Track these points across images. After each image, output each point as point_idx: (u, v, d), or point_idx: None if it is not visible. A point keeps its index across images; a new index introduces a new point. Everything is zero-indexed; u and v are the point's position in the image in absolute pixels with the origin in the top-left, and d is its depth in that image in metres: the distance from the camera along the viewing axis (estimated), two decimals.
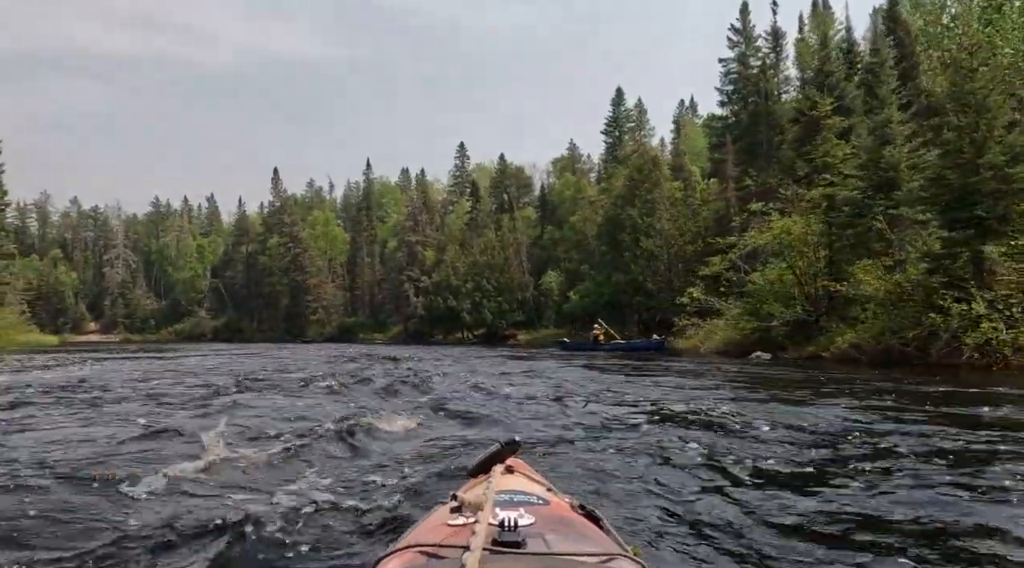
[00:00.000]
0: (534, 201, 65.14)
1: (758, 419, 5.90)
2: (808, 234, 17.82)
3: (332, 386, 9.02)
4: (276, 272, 71.82)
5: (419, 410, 6.85)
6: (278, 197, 73.61)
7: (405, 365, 14.95)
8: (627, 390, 9.03)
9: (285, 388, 8.98)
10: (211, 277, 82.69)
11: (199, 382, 10.03)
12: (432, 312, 54.48)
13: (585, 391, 8.82)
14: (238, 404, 6.91)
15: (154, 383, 9.98)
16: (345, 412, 6.26)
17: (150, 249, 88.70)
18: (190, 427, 5.05)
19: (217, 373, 12.38)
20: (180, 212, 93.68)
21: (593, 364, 15.23)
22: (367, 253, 70.15)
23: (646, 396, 8.20)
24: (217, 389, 8.68)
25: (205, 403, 7.11)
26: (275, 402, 7.29)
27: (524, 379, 11.13)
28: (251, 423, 5.49)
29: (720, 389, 9.32)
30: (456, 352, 23.81)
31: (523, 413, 6.67)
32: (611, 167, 47.49)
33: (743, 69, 34.93)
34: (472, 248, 53.99)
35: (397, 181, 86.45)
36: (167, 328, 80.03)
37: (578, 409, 6.92)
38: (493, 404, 7.38)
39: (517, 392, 8.72)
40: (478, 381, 10.20)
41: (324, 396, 8.15)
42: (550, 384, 9.98)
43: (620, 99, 52.55)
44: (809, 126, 20.69)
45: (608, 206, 35.36)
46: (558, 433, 5.30)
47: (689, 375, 11.97)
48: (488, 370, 13.39)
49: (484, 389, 9.08)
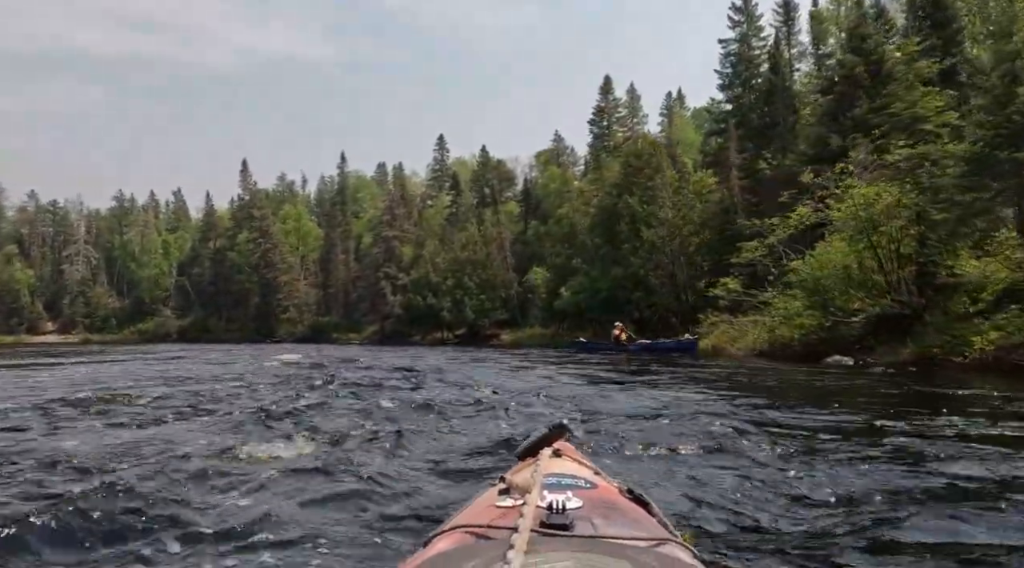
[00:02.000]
0: (517, 195, 62.50)
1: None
2: (900, 205, 13.82)
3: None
4: (245, 269, 68.34)
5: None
6: (247, 190, 70.01)
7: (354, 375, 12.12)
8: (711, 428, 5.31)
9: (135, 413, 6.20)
10: (177, 274, 78.80)
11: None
12: (410, 311, 51.51)
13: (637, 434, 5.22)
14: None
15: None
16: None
17: (113, 245, 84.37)
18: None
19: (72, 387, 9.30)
20: (145, 207, 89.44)
21: (620, 373, 12.49)
22: (342, 249, 66.84)
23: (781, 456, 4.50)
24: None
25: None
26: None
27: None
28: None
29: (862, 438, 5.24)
30: (436, 357, 20.96)
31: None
32: (602, 156, 44.99)
33: (745, 49, 32.61)
34: (453, 243, 51.18)
35: (373, 175, 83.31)
36: (130, 328, 75.94)
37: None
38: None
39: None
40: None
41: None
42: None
43: (608, 87, 50.13)
44: (846, 93, 18.27)
45: (602, 196, 32.73)
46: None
47: (769, 392, 8.88)
48: (496, 380, 10.56)
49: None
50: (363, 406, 6.76)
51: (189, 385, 9.25)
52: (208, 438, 4.74)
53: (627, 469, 3.68)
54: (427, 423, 5.60)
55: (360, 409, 6.53)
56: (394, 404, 6.81)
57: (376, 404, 6.79)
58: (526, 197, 57.59)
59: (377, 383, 9.36)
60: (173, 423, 5.64)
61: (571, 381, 10.10)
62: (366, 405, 6.80)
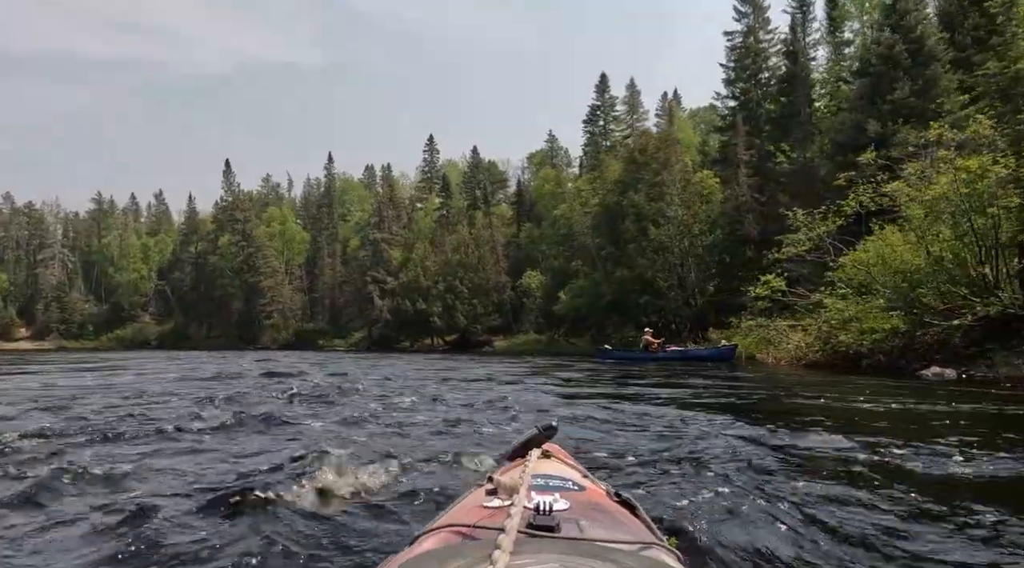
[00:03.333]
0: (509, 198, 60.77)
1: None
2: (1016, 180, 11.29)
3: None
4: (228, 273, 66.01)
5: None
6: (230, 191, 67.67)
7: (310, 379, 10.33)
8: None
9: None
10: (157, 279, 76.22)
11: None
12: (399, 316, 49.46)
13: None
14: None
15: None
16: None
17: (91, 249, 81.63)
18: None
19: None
20: (126, 210, 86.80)
21: (654, 389, 10.65)
22: (328, 253, 64.66)
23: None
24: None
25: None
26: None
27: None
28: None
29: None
30: (426, 367, 19.09)
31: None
32: (602, 153, 43.30)
33: (752, 42, 31.08)
34: (444, 246, 49.28)
35: (361, 178, 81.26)
36: (107, 334, 73.33)
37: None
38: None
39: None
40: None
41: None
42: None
43: (605, 86, 48.56)
44: (884, 75, 16.58)
45: (604, 193, 30.91)
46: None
47: (868, 421, 6.67)
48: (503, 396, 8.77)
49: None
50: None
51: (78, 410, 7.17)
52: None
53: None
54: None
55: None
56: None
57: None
58: (519, 199, 55.82)
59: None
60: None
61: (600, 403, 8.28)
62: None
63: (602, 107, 48.54)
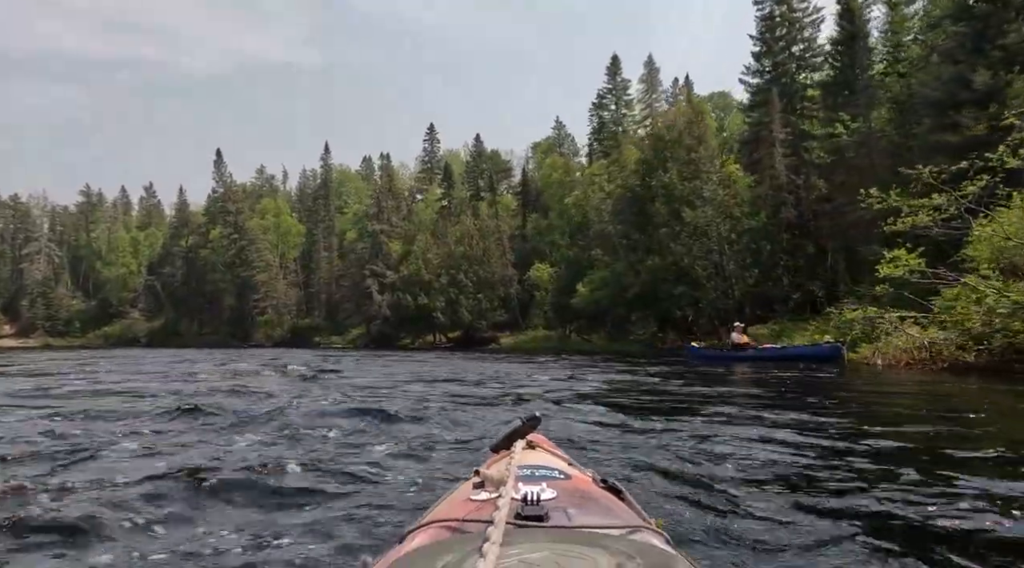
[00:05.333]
0: (514, 188, 58.14)
1: None
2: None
3: None
4: (219, 268, 63.31)
5: None
6: (221, 182, 64.84)
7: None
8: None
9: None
10: (147, 274, 73.42)
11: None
12: (399, 312, 46.81)
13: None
14: None
15: None
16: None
17: (79, 243, 78.80)
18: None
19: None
20: (115, 203, 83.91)
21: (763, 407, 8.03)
22: (324, 246, 61.89)
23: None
24: None
25: None
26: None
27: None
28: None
29: None
30: (434, 367, 16.47)
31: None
32: (619, 136, 40.66)
33: (786, 10, 28.49)
34: (446, 237, 46.62)
35: (358, 169, 78.48)
36: (94, 331, 70.64)
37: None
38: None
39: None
40: None
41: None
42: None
43: (617, 68, 45.92)
44: (993, 15, 13.98)
45: (627, 174, 28.22)
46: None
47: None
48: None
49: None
50: None
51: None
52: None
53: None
54: None
55: None
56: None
57: None
58: (524, 189, 53.20)
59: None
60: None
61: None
62: None
63: (613, 90, 45.92)
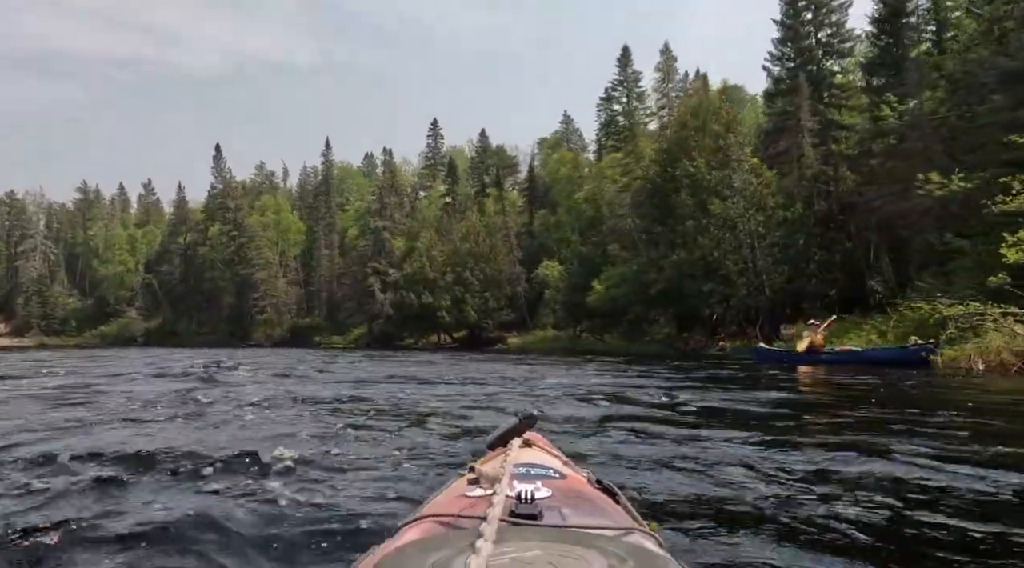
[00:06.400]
0: (520, 184, 56.67)
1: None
2: None
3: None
4: (218, 265, 61.88)
5: None
6: (220, 178, 63.37)
7: None
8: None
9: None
10: (144, 272, 71.97)
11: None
12: (402, 311, 45.33)
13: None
14: None
15: None
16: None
17: (75, 241, 77.34)
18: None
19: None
20: (113, 200, 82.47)
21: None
22: (325, 244, 60.40)
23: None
24: None
25: None
26: None
27: None
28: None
29: None
30: (443, 369, 14.98)
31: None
32: (635, 127, 39.14)
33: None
34: (451, 234, 45.16)
35: (360, 166, 77.00)
36: (91, 330, 69.18)
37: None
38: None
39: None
40: None
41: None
42: None
43: (627, 59, 44.39)
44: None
45: (647, 166, 26.68)
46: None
47: None
48: None
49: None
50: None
51: None
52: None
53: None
54: None
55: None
56: None
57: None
58: (531, 185, 51.76)
59: None
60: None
61: None
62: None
63: (624, 82, 44.40)
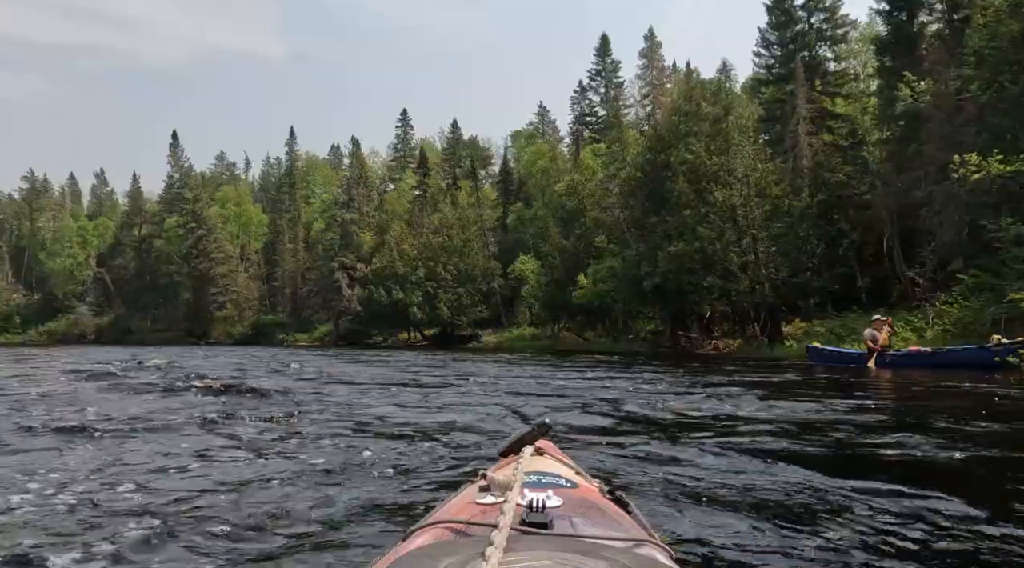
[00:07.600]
0: (494, 177, 54.93)
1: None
2: None
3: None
4: (175, 259, 58.89)
5: None
6: (177, 168, 60.27)
7: None
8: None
9: None
10: (96, 266, 68.25)
11: None
12: (371, 307, 43.27)
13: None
14: None
15: None
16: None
17: (21, 233, 73.07)
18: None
19: None
20: (63, 190, 78.22)
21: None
22: (289, 237, 57.86)
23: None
24: None
25: None
26: None
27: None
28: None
29: None
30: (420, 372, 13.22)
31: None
32: (620, 115, 37.69)
33: None
34: (423, 227, 43.25)
35: (326, 158, 74.32)
36: (37, 328, 65.25)
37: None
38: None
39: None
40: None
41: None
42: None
43: (606, 49, 43.02)
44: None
45: (640, 152, 25.15)
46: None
47: None
48: None
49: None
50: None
51: None
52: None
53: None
54: None
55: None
56: None
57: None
58: (504, 178, 50.09)
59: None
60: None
61: None
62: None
63: (603, 72, 43.01)
